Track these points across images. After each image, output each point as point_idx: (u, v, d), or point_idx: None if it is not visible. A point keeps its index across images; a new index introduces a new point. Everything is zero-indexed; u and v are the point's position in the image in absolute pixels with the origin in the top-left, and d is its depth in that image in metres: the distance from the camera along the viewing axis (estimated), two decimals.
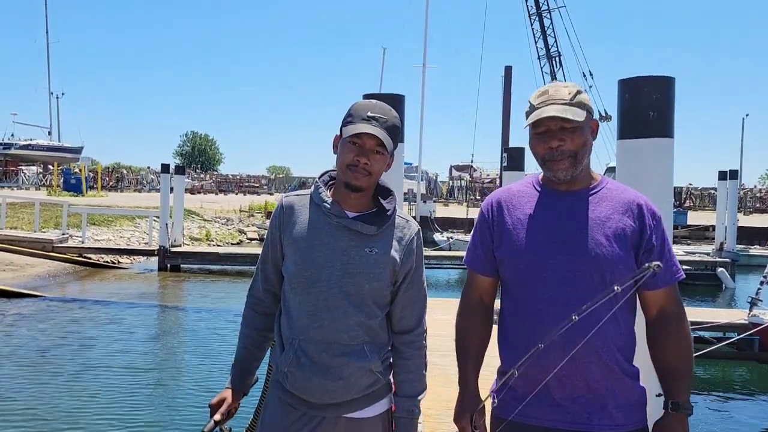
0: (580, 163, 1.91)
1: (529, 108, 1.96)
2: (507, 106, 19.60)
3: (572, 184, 1.95)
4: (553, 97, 1.90)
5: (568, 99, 1.89)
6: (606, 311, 1.82)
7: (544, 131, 1.91)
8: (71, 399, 7.18)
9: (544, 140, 1.91)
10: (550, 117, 1.87)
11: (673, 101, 3.33)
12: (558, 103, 1.88)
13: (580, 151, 1.90)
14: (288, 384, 1.99)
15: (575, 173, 1.92)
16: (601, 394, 1.87)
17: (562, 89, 1.92)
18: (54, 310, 12.07)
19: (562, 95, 1.90)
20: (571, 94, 1.90)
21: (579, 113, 1.88)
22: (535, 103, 1.92)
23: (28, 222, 19.12)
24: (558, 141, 1.88)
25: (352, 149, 1.94)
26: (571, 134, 1.89)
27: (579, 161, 1.91)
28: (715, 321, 8.66)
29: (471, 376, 2.06)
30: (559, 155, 1.89)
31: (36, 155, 55.74)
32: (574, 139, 1.89)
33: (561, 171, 1.90)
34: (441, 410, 4.43)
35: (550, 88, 1.95)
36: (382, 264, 1.97)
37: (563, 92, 1.91)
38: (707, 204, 44.71)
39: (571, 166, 1.90)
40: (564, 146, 1.88)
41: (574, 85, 1.96)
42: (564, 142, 1.88)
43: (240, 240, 25.60)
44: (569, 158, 1.89)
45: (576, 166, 1.91)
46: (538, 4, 30.72)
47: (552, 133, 1.89)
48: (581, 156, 1.91)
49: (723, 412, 7.78)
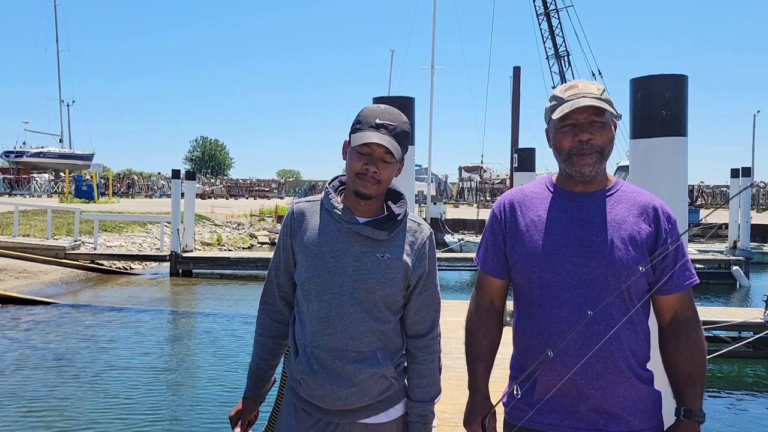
0: (605, 161, 1.90)
1: (554, 102, 1.93)
2: (516, 107, 19.53)
3: (588, 185, 1.92)
4: (584, 91, 1.88)
5: (598, 94, 1.88)
6: (621, 316, 1.80)
7: (573, 124, 1.88)
8: (88, 403, 7.21)
9: (573, 133, 1.88)
10: (581, 108, 1.85)
11: (686, 100, 3.29)
12: (590, 96, 1.87)
13: (607, 147, 1.89)
14: (301, 390, 1.98)
15: (598, 171, 1.90)
16: (616, 400, 1.84)
17: (590, 85, 1.91)
18: (67, 317, 12.13)
19: (592, 90, 1.89)
20: (600, 90, 1.90)
21: (609, 107, 1.88)
22: (564, 97, 1.90)
23: (40, 229, 19.26)
24: (588, 134, 1.86)
25: (360, 158, 1.92)
26: (601, 129, 1.87)
27: (605, 158, 1.90)
28: (730, 320, 8.57)
29: (481, 379, 2.04)
30: (588, 149, 1.87)
31: (47, 163, 56.25)
32: (603, 134, 1.88)
33: (588, 166, 1.87)
34: (456, 413, 4.40)
35: (579, 83, 1.93)
36: (394, 269, 1.95)
37: (592, 88, 1.90)
38: (719, 202, 44.34)
39: (597, 161, 1.88)
40: (594, 140, 1.87)
41: (599, 83, 1.95)
42: (594, 136, 1.87)
43: (251, 244, 25.67)
44: (597, 153, 1.87)
45: (601, 163, 1.89)
46: (546, 3, 30.66)
47: (582, 126, 1.87)
48: (607, 153, 1.90)
49: (740, 411, 7.70)
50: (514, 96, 19.62)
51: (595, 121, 1.86)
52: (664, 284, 1.86)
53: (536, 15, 30.94)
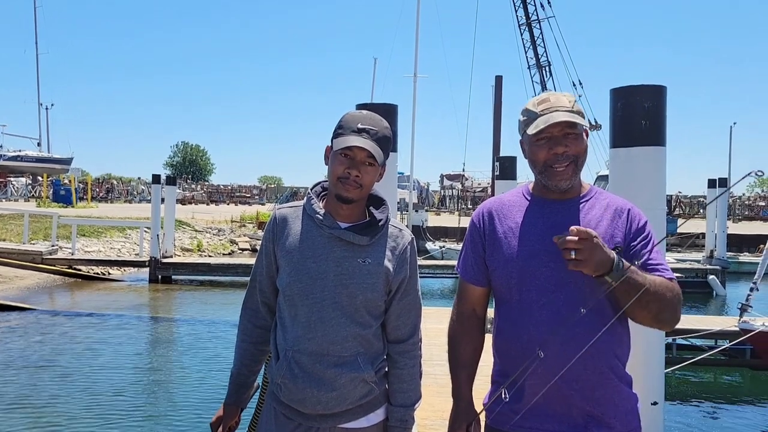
0: (580, 170, 1.95)
1: (527, 116, 1.96)
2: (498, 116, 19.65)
3: (564, 193, 1.96)
4: (556, 105, 1.92)
5: (570, 107, 1.92)
6: (600, 318, 1.82)
7: (548, 137, 1.92)
8: (64, 410, 7.11)
9: (548, 146, 1.92)
10: (555, 123, 1.88)
11: (665, 110, 3.35)
12: (562, 110, 1.90)
13: (581, 157, 1.93)
14: (282, 395, 1.98)
15: (574, 181, 1.94)
16: (597, 402, 1.87)
17: (561, 98, 1.95)
18: (44, 322, 11.96)
19: (563, 103, 1.93)
20: (571, 102, 1.94)
21: (583, 121, 1.92)
22: (537, 111, 1.93)
23: (17, 234, 18.98)
24: (563, 147, 1.90)
25: (342, 161, 1.94)
26: (575, 140, 1.92)
27: (579, 168, 1.94)
28: (706, 329, 8.68)
29: (465, 387, 2.06)
30: (564, 160, 1.90)
31: (25, 166, 55.48)
32: (577, 145, 1.92)
33: (564, 180, 1.92)
34: (436, 420, 4.41)
35: (550, 96, 1.97)
36: (375, 274, 1.96)
37: (563, 100, 1.94)
38: (697, 211, 44.92)
39: (573, 173, 1.92)
40: (569, 151, 1.90)
41: (570, 94, 1.99)
42: (568, 148, 1.91)
43: (232, 250, 25.50)
44: (572, 164, 1.91)
45: (576, 173, 1.94)
46: (528, 14, 30.96)
47: (556, 140, 1.91)
48: (581, 163, 1.94)
49: (715, 419, 7.79)
50: (496, 105, 19.73)
51: (569, 134, 1.91)
52: None
53: (518, 25, 31.24)
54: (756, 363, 8.92)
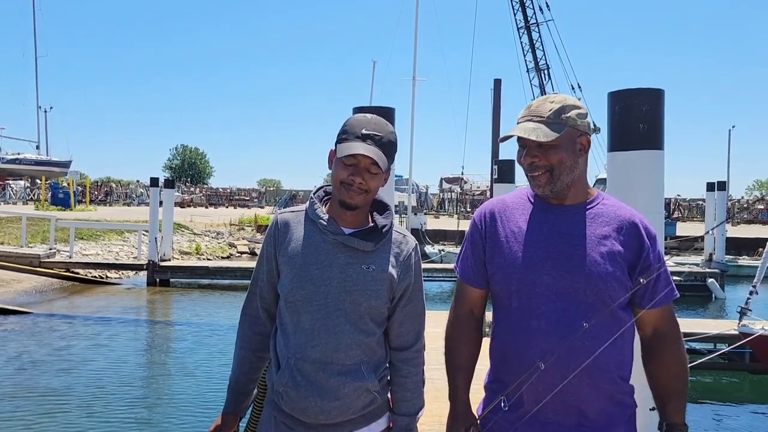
0: (558, 180, 1.88)
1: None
2: (497, 119, 19.70)
3: (565, 198, 1.92)
4: (532, 113, 1.89)
5: (546, 116, 1.86)
6: (603, 330, 1.80)
7: (522, 146, 1.91)
8: (62, 414, 7.08)
9: (524, 153, 1.91)
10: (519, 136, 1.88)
11: (663, 113, 3.33)
12: (534, 120, 1.87)
13: (558, 167, 1.87)
14: (283, 404, 1.94)
15: (554, 189, 1.89)
16: (596, 413, 1.84)
17: (545, 104, 1.90)
18: (41, 326, 11.93)
19: (541, 112, 1.88)
20: (552, 110, 1.87)
21: (549, 133, 1.84)
22: (519, 117, 1.92)
23: (14, 237, 18.94)
24: (531, 158, 1.88)
25: (346, 168, 1.91)
26: (545, 152, 1.87)
27: (556, 178, 1.87)
28: (706, 332, 8.67)
29: (462, 390, 2.03)
30: (535, 170, 1.88)
31: (23, 169, 55.39)
32: (549, 157, 1.86)
33: (539, 187, 1.90)
34: (433, 425, 4.38)
35: (534, 103, 1.93)
36: (379, 281, 1.93)
37: (544, 108, 1.88)
38: (695, 215, 45.01)
39: (548, 182, 1.88)
40: (538, 162, 1.87)
41: (563, 99, 1.92)
42: (537, 158, 1.87)
43: (230, 254, 25.47)
44: (546, 174, 1.87)
45: (554, 183, 1.88)
46: (527, 17, 30.98)
47: (528, 150, 1.89)
48: (559, 172, 1.87)
49: (715, 422, 7.78)
50: (495, 108, 19.78)
51: (542, 144, 1.85)
52: (646, 299, 1.87)
53: (517, 28, 31.24)
54: (755, 367, 8.92)
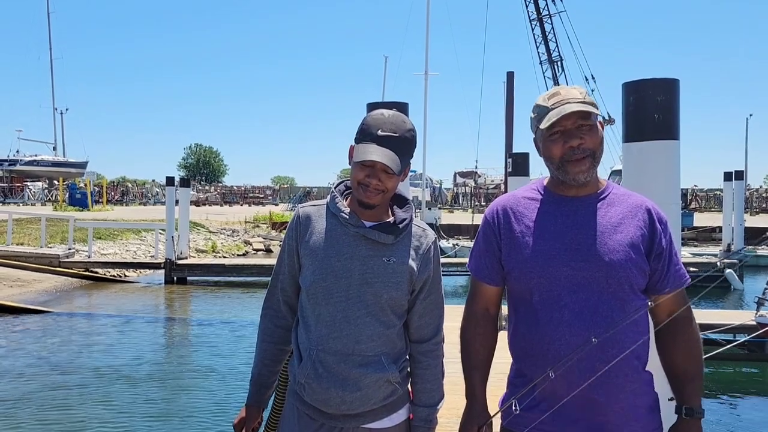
0: (598, 164, 1.90)
1: (538, 112, 1.92)
2: (510, 112, 19.57)
3: (580, 189, 1.92)
4: (567, 97, 1.87)
5: (582, 98, 1.87)
6: (623, 319, 1.80)
7: (561, 131, 1.87)
8: (83, 412, 7.19)
9: (563, 140, 1.87)
10: (568, 115, 1.84)
11: (678, 103, 3.31)
12: (574, 101, 1.86)
13: (598, 149, 1.89)
14: (305, 395, 1.98)
15: (592, 175, 1.90)
16: (620, 405, 1.84)
17: (572, 90, 1.91)
18: (62, 325, 12.08)
19: (574, 95, 1.88)
20: (582, 94, 1.89)
21: (594, 109, 1.87)
22: (548, 105, 1.89)
23: (34, 237, 19.18)
24: (578, 139, 1.85)
25: (363, 169, 1.93)
26: (589, 132, 1.87)
27: (597, 161, 1.89)
28: (724, 323, 8.60)
29: (479, 388, 2.03)
30: (580, 153, 1.86)
31: (41, 171, 56.00)
32: (593, 137, 1.87)
33: (581, 173, 1.87)
34: (451, 418, 4.39)
35: (561, 90, 1.92)
36: (399, 273, 1.96)
37: (574, 92, 1.89)
38: (713, 205, 44.51)
39: (591, 166, 1.88)
40: (584, 144, 1.86)
41: (581, 87, 1.94)
42: (584, 140, 1.86)
43: (246, 251, 25.61)
44: (589, 158, 1.87)
45: (594, 167, 1.89)
46: (539, 9, 30.82)
47: (570, 132, 1.86)
48: (599, 155, 1.89)
49: (735, 413, 7.73)
50: (508, 101, 19.66)
51: (583, 125, 1.85)
52: (659, 284, 1.89)
53: (529, 20, 31.12)
54: None
